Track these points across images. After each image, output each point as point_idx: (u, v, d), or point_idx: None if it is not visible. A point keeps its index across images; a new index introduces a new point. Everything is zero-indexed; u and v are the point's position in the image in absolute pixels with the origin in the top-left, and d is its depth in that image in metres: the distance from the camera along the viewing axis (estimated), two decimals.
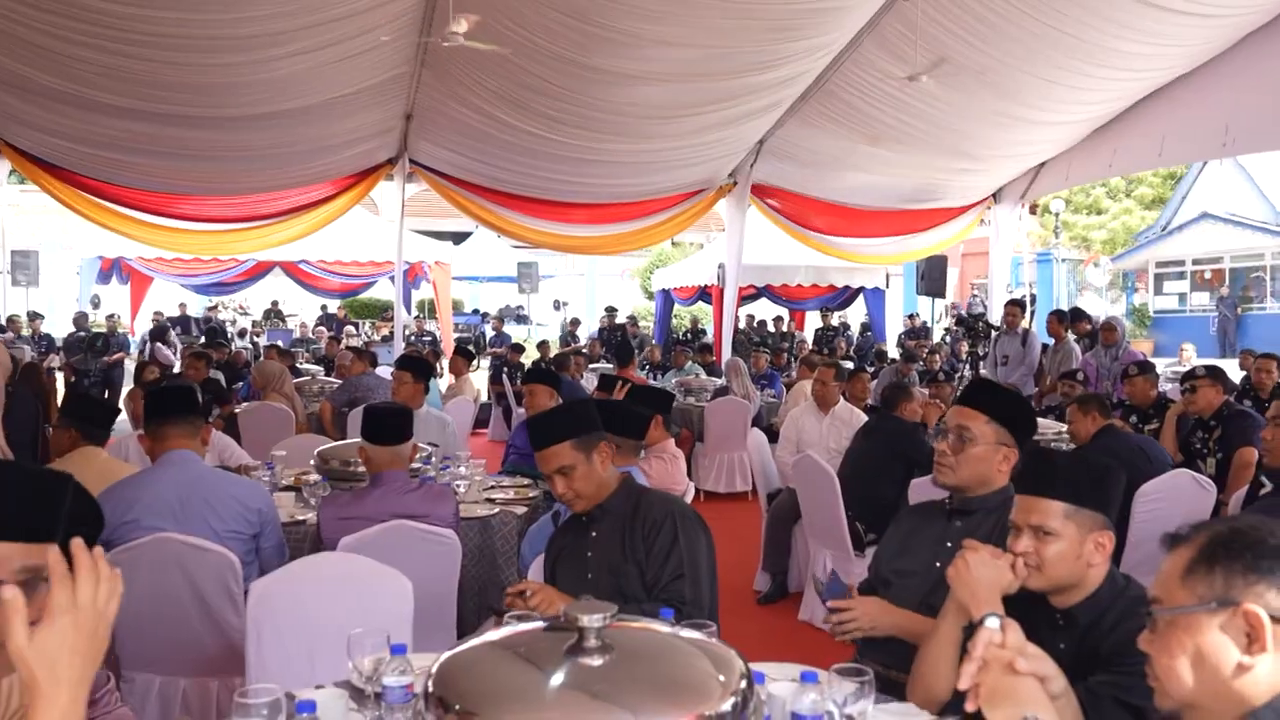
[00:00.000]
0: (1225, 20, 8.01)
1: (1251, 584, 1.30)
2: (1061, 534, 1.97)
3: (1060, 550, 1.97)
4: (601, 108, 8.54)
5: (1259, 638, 1.27)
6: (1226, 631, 1.30)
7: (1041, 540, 1.98)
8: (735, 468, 8.33)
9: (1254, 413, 5.68)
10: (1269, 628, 1.27)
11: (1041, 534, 1.98)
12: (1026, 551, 1.99)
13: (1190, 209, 26.19)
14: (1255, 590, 1.30)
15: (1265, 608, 1.28)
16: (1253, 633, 1.28)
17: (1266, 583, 1.30)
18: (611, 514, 2.80)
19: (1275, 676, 1.27)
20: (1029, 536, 2.00)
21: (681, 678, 1.53)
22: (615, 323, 16.50)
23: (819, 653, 2.77)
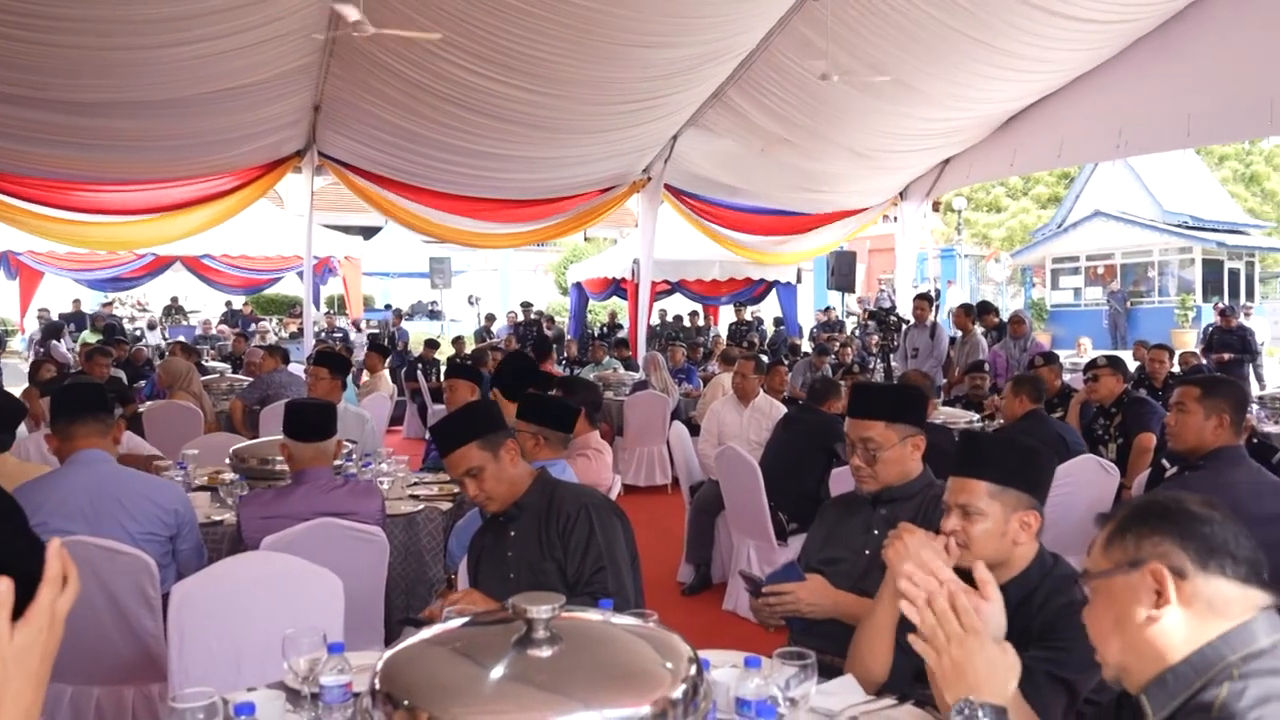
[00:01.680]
0: (1116, 26, 8.37)
1: (1157, 544, 1.38)
2: (987, 513, 2.04)
3: (986, 529, 2.04)
4: (513, 101, 8.47)
5: (1164, 591, 1.35)
6: (1139, 591, 1.38)
7: (968, 519, 2.05)
8: (655, 461, 8.37)
9: (1151, 400, 5.96)
10: (1170, 581, 1.35)
11: (968, 513, 2.05)
12: (954, 530, 2.05)
13: (1084, 207, 27.31)
14: (1160, 550, 1.38)
15: (1167, 564, 1.36)
16: (1160, 588, 1.36)
17: (1170, 542, 1.37)
18: (528, 511, 2.77)
19: (1186, 631, 1.34)
20: (957, 515, 2.07)
21: (631, 666, 1.53)
22: (531, 318, 16.40)
23: (746, 642, 2.79)
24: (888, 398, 2.75)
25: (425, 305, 22.61)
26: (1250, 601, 1.35)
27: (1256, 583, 1.36)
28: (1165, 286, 26.19)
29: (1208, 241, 25.59)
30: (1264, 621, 1.34)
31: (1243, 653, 1.31)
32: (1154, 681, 1.37)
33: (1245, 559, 1.36)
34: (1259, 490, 3.00)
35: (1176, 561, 1.36)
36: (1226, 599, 1.34)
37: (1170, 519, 1.40)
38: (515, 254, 25.42)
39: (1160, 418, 5.56)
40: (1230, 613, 1.34)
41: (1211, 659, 1.32)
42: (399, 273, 21.43)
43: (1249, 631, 1.33)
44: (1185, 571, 1.36)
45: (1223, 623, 1.34)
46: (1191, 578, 1.35)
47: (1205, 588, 1.35)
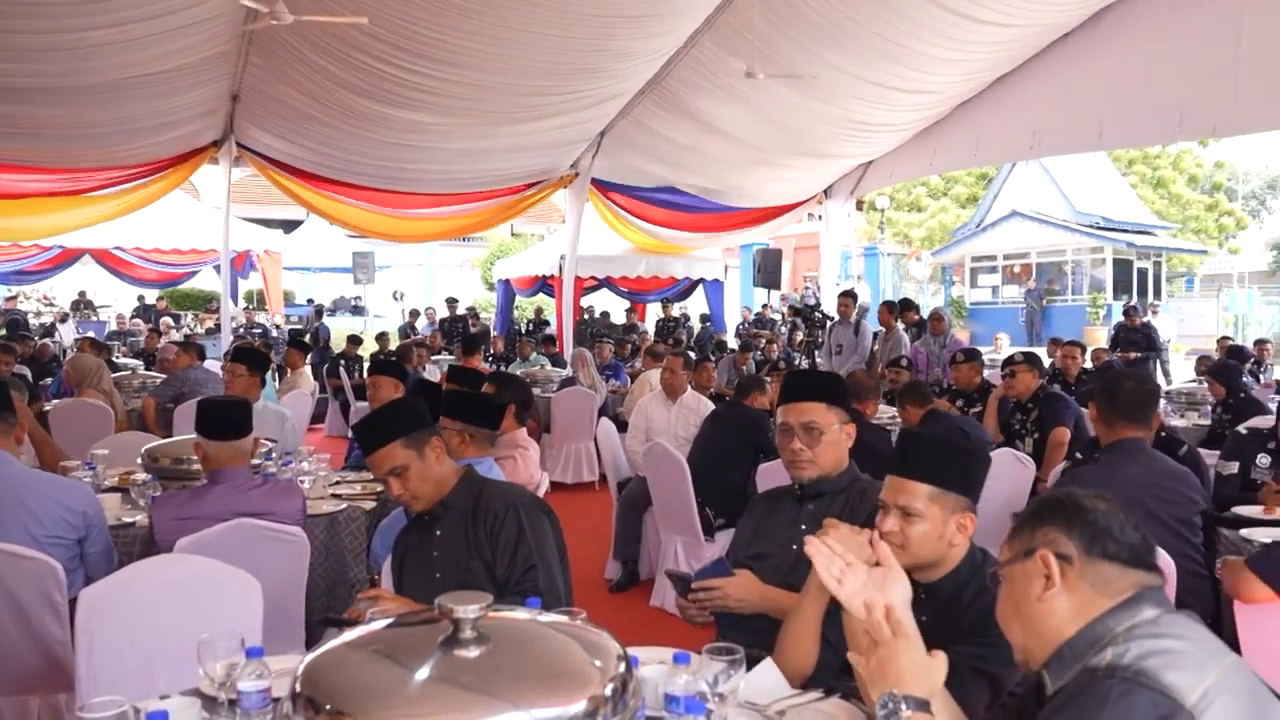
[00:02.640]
0: (1030, 30, 8.61)
1: (1046, 534, 1.53)
2: (926, 515, 2.05)
3: (924, 531, 2.05)
4: (436, 94, 8.35)
5: (1052, 575, 1.48)
6: (1032, 576, 1.51)
7: (907, 520, 2.06)
8: (583, 458, 8.34)
9: (1066, 395, 6.13)
10: (1056, 566, 1.48)
11: (908, 514, 2.06)
12: (892, 531, 2.06)
13: (1001, 208, 28.05)
14: (1049, 538, 1.52)
15: (1054, 550, 1.50)
16: (1048, 572, 1.49)
17: (1058, 531, 1.52)
18: (454, 510, 2.72)
19: (1074, 609, 1.47)
20: (895, 516, 2.07)
21: (560, 665, 1.51)
22: (456, 314, 16.21)
23: (674, 639, 2.79)
24: (824, 382, 2.76)
25: (348, 301, 22.21)
26: (1133, 581, 1.47)
27: (1140, 565, 1.49)
28: (1078, 285, 27.08)
29: (1118, 242, 26.53)
30: (1149, 598, 1.46)
31: (1128, 624, 1.42)
32: (1053, 656, 1.48)
33: (1128, 544, 1.49)
34: (1151, 479, 3.12)
35: (1063, 548, 1.50)
36: (1109, 579, 1.47)
37: (1060, 511, 1.54)
38: (441, 249, 25.14)
39: (1074, 413, 5.75)
40: (1113, 591, 1.46)
41: (1100, 632, 1.43)
42: (321, 267, 21.03)
43: (1135, 606, 1.44)
44: (1070, 557, 1.49)
45: (1106, 600, 1.45)
46: (1076, 562, 1.48)
47: (1089, 570, 1.48)
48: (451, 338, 13.64)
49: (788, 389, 2.73)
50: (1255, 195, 41.14)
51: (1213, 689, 1.28)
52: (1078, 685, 1.37)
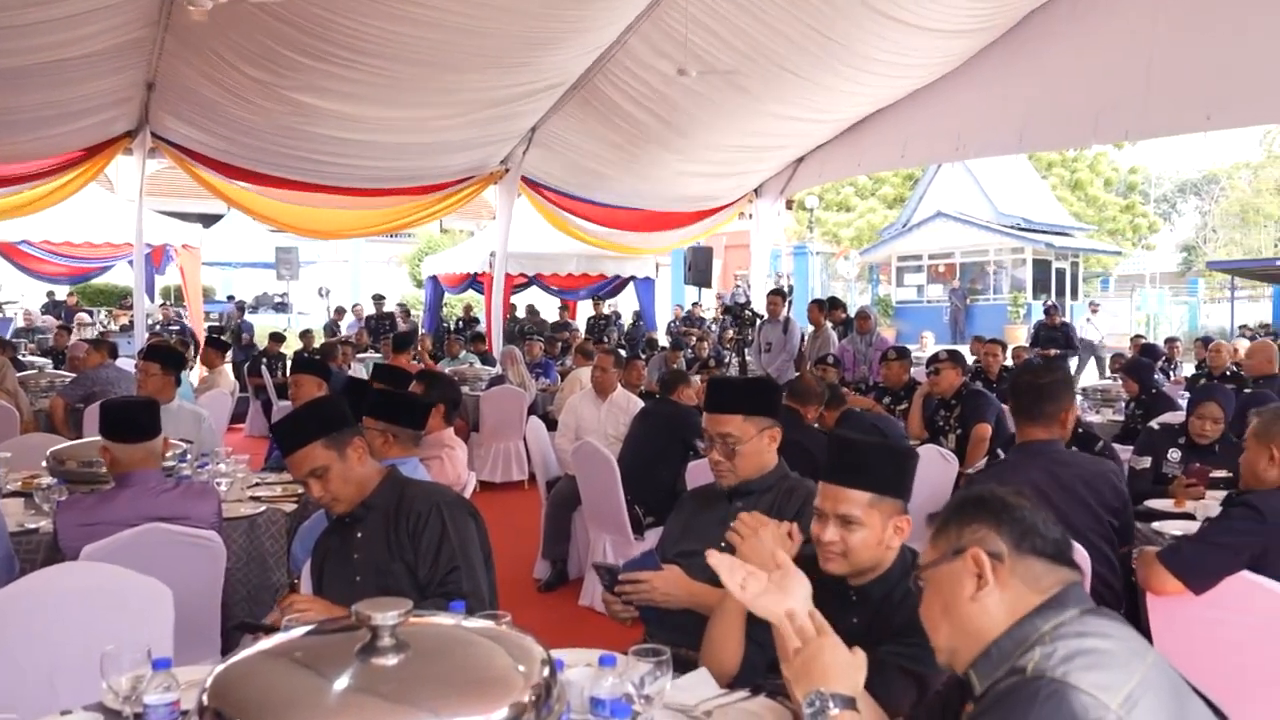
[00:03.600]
0: (957, 35, 8.80)
1: (975, 531, 1.51)
2: (865, 522, 2.04)
3: (864, 537, 2.04)
4: (361, 85, 8.16)
5: (984, 574, 1.47)
6: (962, 576, 1.49)
7: (847, 529, 2.04)
8: (512, 457, 8.27)
9: (988, 392, 6.26)
10: (989, 564, 1.47)
11: (847, 523, 2.04)
12: (833, 540, 2.05)
13: (926, 209, 28.63)
14: (979, 536, 1.50)
15: (985, 548, 1.48)
16: (980, 571, 1.47)
17: (987, 528, 1.50)
18: (375, 511, 2.65)
19: (1005, 608, 1.46)
20: (835, 526, 2.05)
21: (482, 671, 1.47)
22: (384, 311, 15.95)
23: (602, 637, 2.77)
24: (745, 391, 2.73)
25: (271, 297, 21.66)
26: (1059, 577, 1.47)
27: (1062, 561, 1.49)
28: (1000, 284, 27.77)
29: (1038, 243, 27.28)
30: (1072, 594, 1.46)
31: (1054, 622, 1.42)
32: (980, 657, 1.46)
33: (1052, 540, 1.50)
34: (1047, 484, 3.12)
35: (993, 545, 1.48)
36: (1038, 576, 1.47)
37: (986, 507, 1.52)
38: (368, 245, 24.68)
39: (995, 409, 5.88)
40: (1042, 588, 1.46)
41: (1028, 631, 1.43)
42: (242, 263, 20.48)
43: (1059, 604, 1.44)
44: (1001, 554, 1.48)
45: (1036, 597, 1.45)
46: (1007, 559, 1.47)
47: (1019, 567, 1.47)
48: (378, 335, 13.42)
49: (710, 397, 2.72)
50: (1166, 198, 42.73)
51: (1137, 689, 1.29)
52: (1006, 687, 1.36)
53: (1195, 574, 2.56)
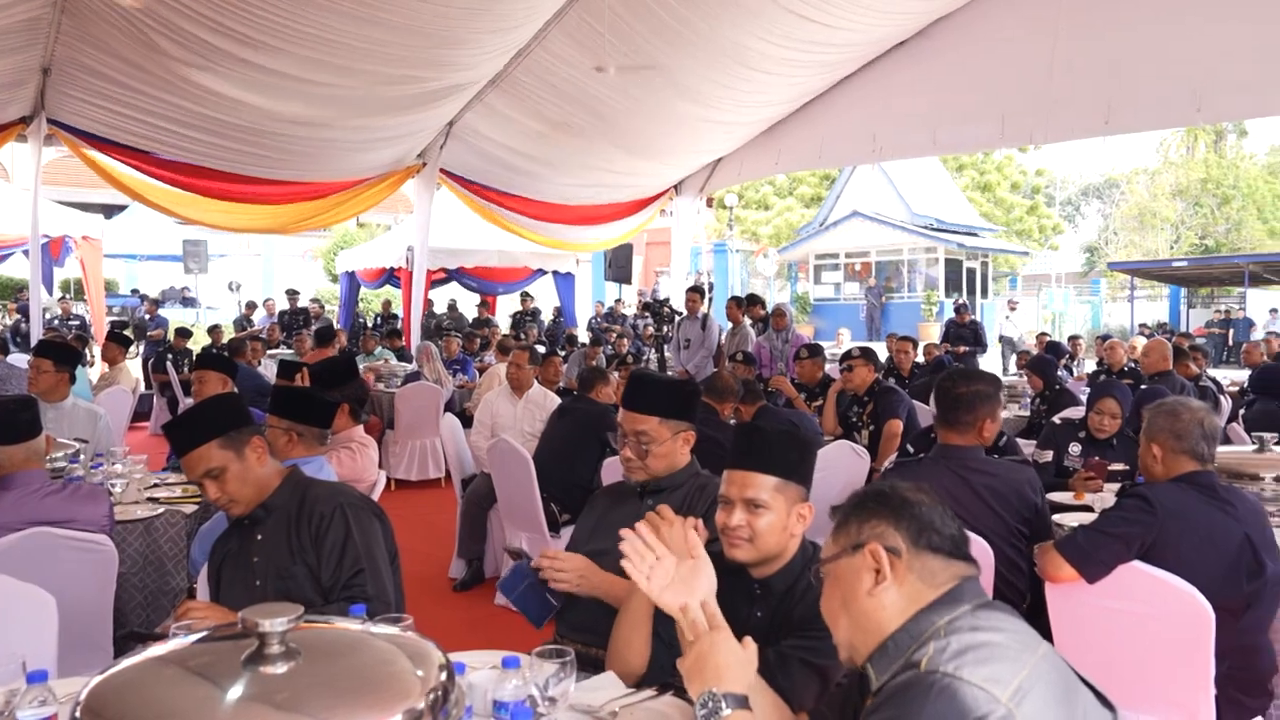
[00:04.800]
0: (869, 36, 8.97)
1: (874, 527, 1.53)
2: (771, 506, 2.06)
3: (771, 522, 2.05)
4: (271, 74, 7.91)
5: (882, 569, 1.49)
6: (861, 571, 1.51)
7: (754, 513, 2.05)
8: (428, 455, 8.15)
9: (899, 389, 6.39)
10: (887, 559, 1.49)
11: (754, 506, 2.05)
12: (740, 525, 2.05)
13: (843, 208, 29.15)
14: (878, 531, 1.52)
15: (884, 543, 1.50)
16: (879, 566, 1.49)
17: (886, 524, 1.52)
18: (276, 513, 2.58)
19: (901, 603, 1.47)
20: (742, 510, 2.06)
21: (377, 677, 1.43)
22: (297, 306, 15.57)
23: (518, 636, 2.74)
24: (664, 392, 2.68)
25: (178, 291, 20.96)
26: (954, 572, 1.49)
27: (959, 556, 1.51)
28: (914, 283, 28.42)
29: (950, 242, 28.00)
30: (968, 589, 1.48)
31: (949, 616, 1.44)
32: (877, 651, 1.48)
33: (949, 536, 1.52)
34: (966, 482, 3.16)
35: (892, 541, 1.50)
36: (934, 571, 1.49)
37: (886, 503, 1.54)
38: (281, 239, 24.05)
39: (907, 405, 5.99)
40: (938, 583, 1.48)
41: (924, 625, 1.44)
42: (148, 255, 19.78)
43: (954, 598, 1.46)
44: (899, 549, 1.49)
45: (932, 592, 1.47)
46: (905, 554, 1.49)
47: (917, 562, 1.49)
48: (291, 331, 13.08)
49: (629, 393, 2.69)
50: (1071, 201, 44.28)
51: (1027, 681, 1.31)
52: (900, 682, 1.38)
53: (1089, 563, 2.64)
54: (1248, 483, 3.43)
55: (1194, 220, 36.73)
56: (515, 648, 2.03)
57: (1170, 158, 38.99)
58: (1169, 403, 2.93)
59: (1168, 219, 37.19)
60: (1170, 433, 2.85)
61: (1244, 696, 2.65)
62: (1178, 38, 7.83)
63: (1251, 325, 21.31)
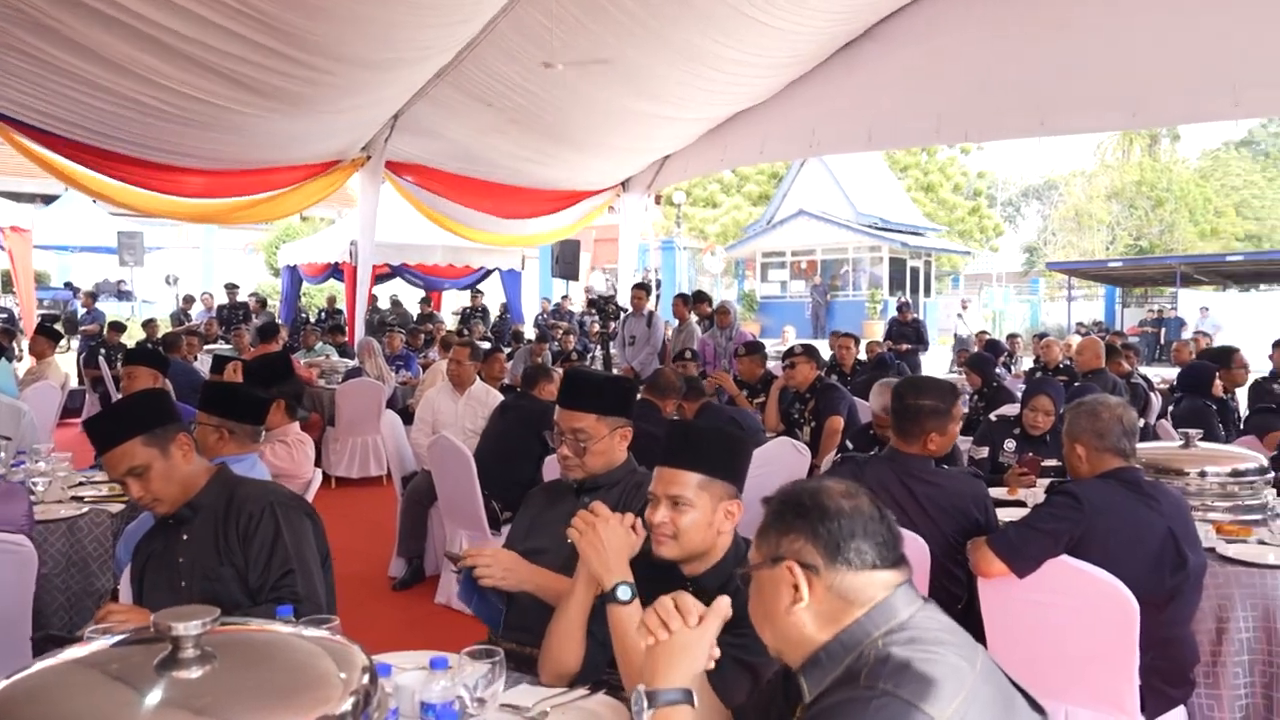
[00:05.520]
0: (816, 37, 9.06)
1: (793, 541, 1.47)
2: (695, 503, 2.04)
3: (695, 519, 2.04)
4: (216, 54, 7.67)
5: (799, 587, 1.44)
6: (780, 585, 1.46)
7: (677, 510, 2.04)
8: (369, 452, 8.04)
9: (841, 386, 6.44)
10: (802, 576, 1.44)
11: (678, 504, 2.04)
12: (663, 522, 2.04)
13: (789, 206, 29.39)
14: (796, 546, 1.46)
15: (801, 560, 1.45)
16: (796, 583, 1.44)
17: (805, 539, 1.46)
18: (203, 512, 2.51)
19: (821, 621, 1.43)
20: (666, 507, 2.05)
21: (296, 681, 1.40)
22: (237, 301, 15.26)
23: (458, 636, 2.70)
24: (601, 389, 2.67)
25: (113, 284, 20.42)
26: (883, 583, 1.44)
27: (887, 565, 1.45)
28: (858, 281, 28.77)
29: (894, 241, 28.38)
30: (902, 597, 1.43)
31: (885, 627, 1.40)
32: (809, 660, 1.44)
33: (876, 545, 1.45)
34: (910, 490, 3.17)
35: (809, 558, 1.45)
36: (856, 588, 1.43)
37: (806, 516, 1.47)
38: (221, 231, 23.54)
39: (848, 402, 6.04)
40: (862, 600, 1.42)
41: (859, 636, 1.40)
42: (81, 246, 19.22)
43: (890, 607, 1.42)
44: (817, 567, 1.44)
45: (857, 609, 1.42)
46: (823, 573, 1.43)
47: (835, 580, 1.43)
48: (230, 326, 12.82)
49: (565, 391, 2.67)
50: (1011, 202, 45.15)
51: (965, 702, 1.29)
52: (837, 700, 1.34)
53: (1018, 558, 2.68)
54: (1173, 478, 3.51)
55: (1129, 222, 37.69)
56: (454, 648, 2.00)
57: (1106, 161, 39.97)
58: (1088, 402, 2.98)
59: (1103, 220, 38.11)
60: (1092, 432, 2.90)
61: (1167, 686, 2.71)
62: (1113, 45, 8.05)
63: (1183, 324, 21.88)
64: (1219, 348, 7.62)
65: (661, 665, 1.55)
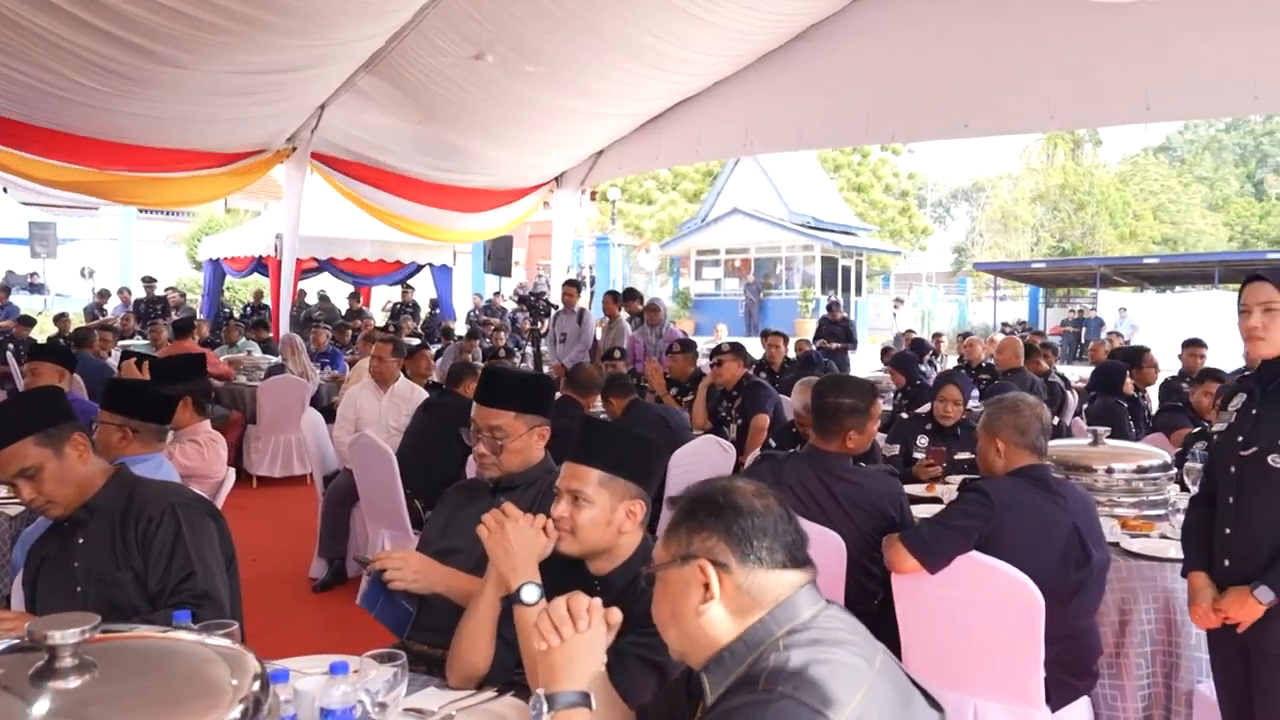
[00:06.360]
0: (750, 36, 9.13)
1: (705, 539, 1.46)
2: (595, 500, 2.03)
3: (592, 516, 2.03)
4: (137, 34, 7.37)
5: (710, 585, 1.43)
6: (690, 584, 1.45)
7: (577, 506, 2.03)
8: (293, 450, 7.87)
9: (767, 384, 6.49)
10: (714, 574, 1.43)
11: (577, 499, 2.04)
12: (562, 516, 2.03)
13: (724, 205, 29.59)
14: (708, 545, 1.46)
15: (713, 558, 1.44)
16: (707, 581, 1.43)
17: (716, 537, 1.46)
18: (100, 514, 2.42)
19: (731, 620, 1.43)
20: (567, 501, 2.05)
21: (181, 689, 1.35)
22: (154, 295, 14.81)
23: (379, 638, 2.65)
24: (519, 387, 2.64)
25: (23, 277, 19.66)
26: (790, 582, 1.45)
27: (794, 564, 1.46)
28: (791, 280, 29.08)
29: (826, 241, 28.75)
30: (805, 596, 1.44)
31: (787, 626, 1.40)
32: (712, 660, 1.44)
33: (785, 545, 1.46)
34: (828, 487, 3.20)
35: (721, 556, 1.44)
36: (765, 586, 1.43)
37: (718, 514, 1.47)
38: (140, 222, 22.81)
39: (774, 400, 6.10)
40: (770, 598, 1.43)
41: (762, 635, 1.41)
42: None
43: (793, 607, 1.42)
44: (729, 565, 1.44)
45: (764, 609, 1.42)
46: (734, 571, 1.43)
47: (746, 578, 1.43)
48: (147, 321, 12.43)
49: (481, 390, 2.64)
50: (941, 204, 46.09)
51: (863, 703, 1.29)
52: (739, 697, 1.34)
53: (930, 554, 2.72)
54: (1082, 474, 3.61)
55: (1052, 224, 38.75)
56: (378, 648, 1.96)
57: (1031, 164, 41.01)
58: (1009, 399, 3.04)
59: (1028, 223, 39.11)
60: (1014, 428, 2.95)
61: (1071, 678, 2.77)
62: (1032, 50, 8.28)
63: (1102, 324, 22.54)
64: (1131, 347, 7.87)
65: (559, 669, 1.54)
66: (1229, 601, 2.43)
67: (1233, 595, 2.42)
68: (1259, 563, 2.40)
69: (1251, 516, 2.44)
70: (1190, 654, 2.95)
